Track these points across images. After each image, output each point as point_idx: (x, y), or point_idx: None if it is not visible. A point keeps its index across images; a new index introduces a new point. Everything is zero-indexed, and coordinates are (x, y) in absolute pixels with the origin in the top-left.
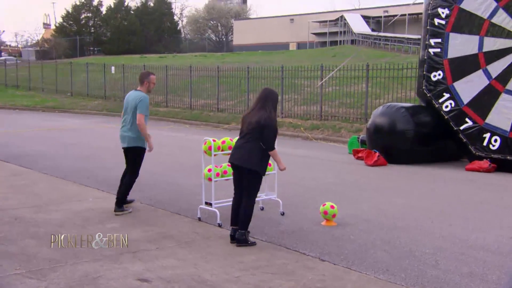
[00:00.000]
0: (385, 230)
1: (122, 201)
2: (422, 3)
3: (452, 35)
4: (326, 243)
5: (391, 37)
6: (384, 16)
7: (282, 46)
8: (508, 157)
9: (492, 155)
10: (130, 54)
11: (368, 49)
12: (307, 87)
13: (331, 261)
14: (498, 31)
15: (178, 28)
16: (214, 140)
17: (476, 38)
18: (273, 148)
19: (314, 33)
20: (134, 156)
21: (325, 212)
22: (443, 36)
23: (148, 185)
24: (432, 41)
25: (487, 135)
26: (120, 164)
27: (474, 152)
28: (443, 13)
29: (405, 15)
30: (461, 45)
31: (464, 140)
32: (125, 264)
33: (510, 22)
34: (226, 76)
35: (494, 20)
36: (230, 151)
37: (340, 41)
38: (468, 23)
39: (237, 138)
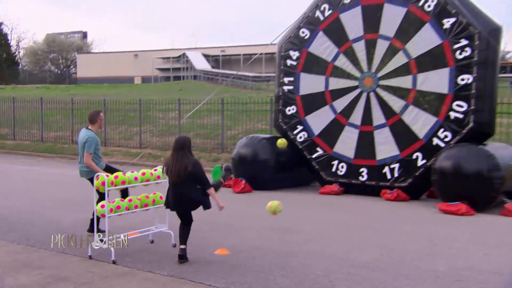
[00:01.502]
0: (276, 255)
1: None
2: (275, 44)
3: (302, 75)
4: (227, 273)
5: (234, 74)
6: (222, 55)
7: (127, 79)
8: (353, 181)
9: (340, 180)
10: None
11: (210, 85)
12: (162, 119)
13: None
14: (340, 73)
15: (16, 59)
16: (107, 176)
17: (322, 78)
18: (210, 186)
19: (158, 68)
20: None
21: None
22: (295, 75)
23: (22, 223)
24: (285, 80)
25: (335, 162)
26: None
27: (325, 177)
28: (294, 55)
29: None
30: (310, 83)
31: (316, 167)
32: None
33: (349, 65)
34: (80, 108)
35: (337, 63)
36: (123, 186)
37: (183, 76)
38: (315, 65)
39: (129, 172)
